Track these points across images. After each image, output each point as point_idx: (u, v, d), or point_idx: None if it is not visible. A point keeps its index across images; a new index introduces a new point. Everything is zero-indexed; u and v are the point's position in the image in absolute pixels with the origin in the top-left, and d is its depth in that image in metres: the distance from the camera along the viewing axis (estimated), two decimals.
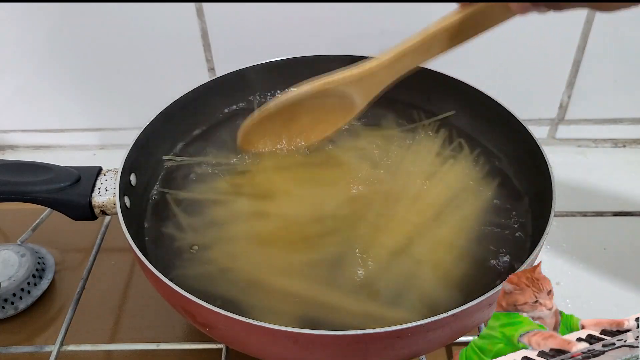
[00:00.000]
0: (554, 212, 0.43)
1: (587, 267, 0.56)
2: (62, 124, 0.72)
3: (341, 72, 0.48)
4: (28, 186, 0.46)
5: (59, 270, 0.56)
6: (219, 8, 0.61)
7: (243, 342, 0.39)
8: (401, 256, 0.45)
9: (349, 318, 0.40)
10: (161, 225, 0.49)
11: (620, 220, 0.61)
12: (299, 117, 0.51)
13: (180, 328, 0.50)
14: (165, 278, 0.38)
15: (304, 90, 0.49)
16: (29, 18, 0.62)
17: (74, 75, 0.67)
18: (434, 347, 0.40)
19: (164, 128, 0.53)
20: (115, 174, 0.47)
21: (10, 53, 0.65)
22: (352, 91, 0.49)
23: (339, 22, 0.62)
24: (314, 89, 0.48)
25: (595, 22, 0.61)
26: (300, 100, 0.49)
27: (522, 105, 0.55)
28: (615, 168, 0.68)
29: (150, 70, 0.66)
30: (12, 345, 0.49)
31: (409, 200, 0.49)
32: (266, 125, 0.52)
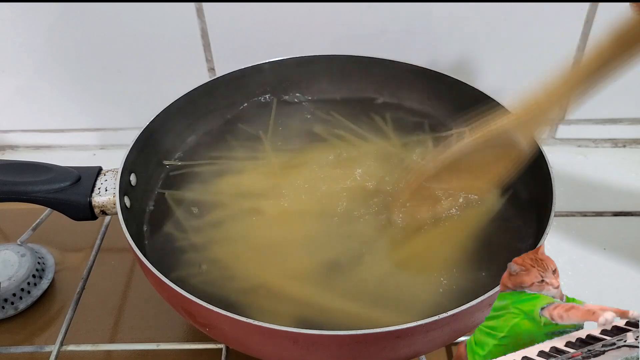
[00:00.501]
0: (554, 212, 0.43)
1: (587, 267, 0.56)
2: (62, 124, 0.71)
3: (506, 116, 0.42)
4: (28, 186, 0.46)
5: (59, 270, 0.56)
6: (219, 8, 0.61)
7: (243, 342, 0.39)
8: (401, 258, 0.45)
9: (346, 322, 0.40)
10: (161, 225, 0.49)
11: (620, 220, 0.61)
12: (455, 174, 0.45)
13: (180, 328, 0.50)
14: (165, 278, 0.38)
15: (465, 144, 0.43)
16: (29, 18, 0.62)
17: (74, 75, 0.67)
18: (434, 347, 0.40)
19: (164, 128, 0.53)
20: (115, 174, 0.47)
21: (10, 53, 0.65)
22: (518, 134, 0.42)
23: (339, 22, 0.62)
24: (476, 140, 0.43)
25: (595, 22, 0.61)
26: (459, 156, 0.44)
27: None
28: (615, 168, 0.68)
29: (150, 70, 0.66)
30: (12, 345, 0.49)
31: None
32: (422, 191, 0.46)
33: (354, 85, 0.61)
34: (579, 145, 0.71)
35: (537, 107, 0.42)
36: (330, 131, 0.57)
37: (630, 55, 0.38)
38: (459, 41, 0.63)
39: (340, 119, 0.58)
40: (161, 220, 0.49)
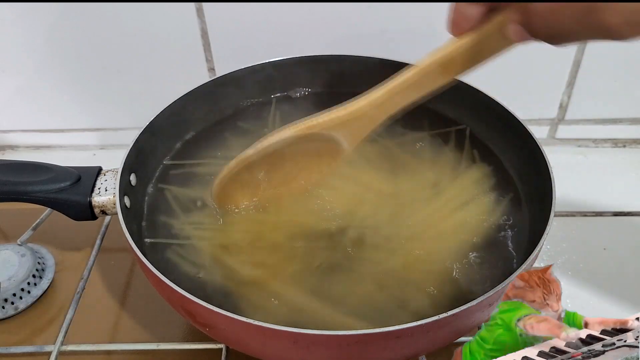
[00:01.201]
0: (554, 212, 0.43)
1: (587, 267, 0.56)
2: (62, 124, 0.71)
3: (327, 114, 0.44)
4: (28, 186, 0.46)
5: (59, 270, 0.56)
6: (219, 8, 0.61)
7: (243, 342, 0.39)
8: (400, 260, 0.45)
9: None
10: (161, 225, 0.49)
11: (620, 220, 0.61)
12: (280, 165, 0.47)
13: (180, 328, 0.50)
14: (165, 278, 0.38)
15: (286, 136, 0.44)
16: (29, 18, 0.62)
17: (74, 75, 0.67)
18: (434, 347, 0.40)
19: (164, 128, 0.53)
20: (115, 174, 0.47)
21: (10, 53, 0.65)
22: (339, 134, 0.44)
23: (339, 22, 0.62)
24: (297, 133, 0.44)
25: None
26: (282, 147, 0.45)
27: (522, 105, 0.55)
28: (615, 168, 0.68)
29: (150, 70, 0.66)
30: (12, 345, 0.49)
31: (408, 200, 0.49)
32: (244, 176, 0.47)
33: (354, 85, 0.61)
34: (579, 145, 0.71)
35: (360, 112, 0.43)
36: None
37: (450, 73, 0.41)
38: None
39: None
40: (161, 219, 0.49)
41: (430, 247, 0.46)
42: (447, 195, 0.50)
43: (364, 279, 0.44)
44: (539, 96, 0.68)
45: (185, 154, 0.55)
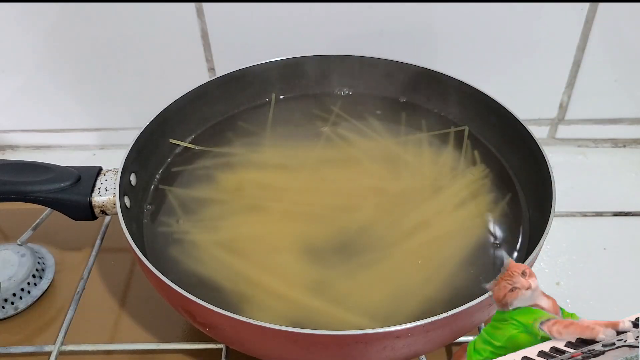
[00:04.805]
0: (554, 212, 0.43)
1: (587, 267, 0.56)
2: (62, 124, 0.71)
3: None
4: (28, 186, 0.46)
5: (59, 270, 0.56)
6: (219, 8, 0.61)
7: (243, 342, 0.39)
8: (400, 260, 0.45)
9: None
10: (161, 225, 0.49)
11: (620, 220, 0.61)
12: None
13: (180, 328, 0.50)
14: (165, 278, 0.38)
15: None
16: (29, 18, 0.62)
17: (74, 75, 0.67)
18: (434, 347, 0.40)
19: (164, 128, 0.53)
20: (115, 174, 0.47)
21: (11, 53, 0.65)
22: None
23: (339, 22, 0.62)
24: None
25: (595, 22, 0.61)
26: None
27: (522, 105, 0.55)
28: (615, 168, 0.68)
29: (150, 70, 0.66)
30: (12, 345, 0.49)
31: (408, 200, 0.49)
32: None
33: (354, 84, 0.61)
34: (579, 145, 0.71)
35: None
36: (330, 129, 0.57)
37: None
38: (459, 41, 0.63)
39: (341, 117, 0.58)
40: (161, 219, 0.49)
41: (429, 247, 0.46)
42: (447, 195, 0.50)
43: (363, 278, 0.44)
44: (539, 96, 0.68)
45: (185, 153, 0.55)
